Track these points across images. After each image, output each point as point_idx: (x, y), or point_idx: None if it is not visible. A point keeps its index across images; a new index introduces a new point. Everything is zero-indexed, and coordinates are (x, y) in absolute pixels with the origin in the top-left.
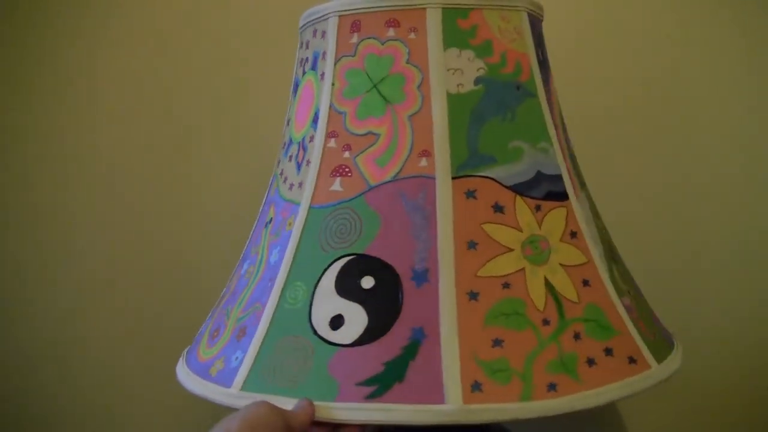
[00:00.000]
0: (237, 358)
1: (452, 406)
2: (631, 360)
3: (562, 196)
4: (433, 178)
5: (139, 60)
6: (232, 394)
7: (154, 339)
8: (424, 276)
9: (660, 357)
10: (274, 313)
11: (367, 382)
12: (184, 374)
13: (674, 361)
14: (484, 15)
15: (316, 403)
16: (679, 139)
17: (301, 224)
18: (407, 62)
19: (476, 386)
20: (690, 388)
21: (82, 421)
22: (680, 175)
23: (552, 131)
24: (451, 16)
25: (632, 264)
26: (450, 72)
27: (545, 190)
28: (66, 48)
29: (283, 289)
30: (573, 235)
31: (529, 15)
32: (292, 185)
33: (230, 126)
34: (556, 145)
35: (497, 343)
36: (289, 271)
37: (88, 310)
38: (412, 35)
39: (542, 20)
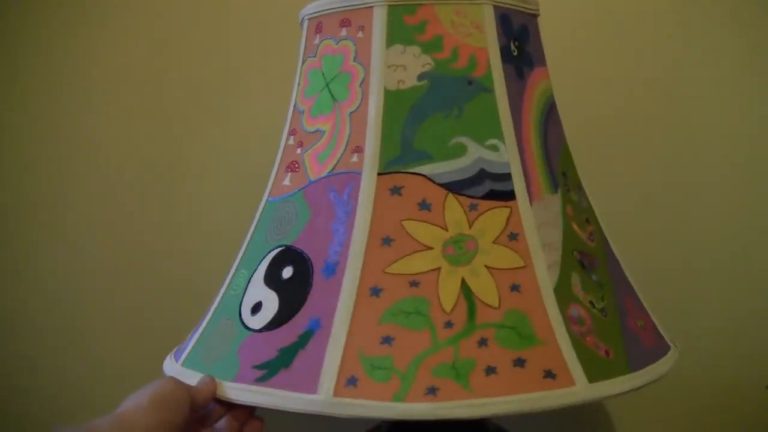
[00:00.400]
0: (193, 337)
1: (319, 397)
2: (548, 374)
3: (506, 196)
4: (360, 174)
5: (137, 59)
6: (175, 369)
7: (154, 339)
8: (333, 269)
9: (598, 376)
10: (221, 298)
11: (260, 366)
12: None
13: (616, 384)
14: (435, 10)
15: (218, 381)
16: (679, 139)
17: (258, 216)
18: (354, 60)
19: (352, 381)
20: (690, 388)
21: (82, 421)
22: (680, 175)
23: (508, 128)
24: (397, 12)
25: (632, 264)
26: (391, 69)
27: (487, 188)
28: (63, 48)
29: (233, 277)
30: (513, 237)
31: (497, 8)
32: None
33: (230, 126)
34: (511, 143)
35: (386, 340)
36: (240, 259)
37: (88, 310)
38: (360, 34)
39: (529, 13)
